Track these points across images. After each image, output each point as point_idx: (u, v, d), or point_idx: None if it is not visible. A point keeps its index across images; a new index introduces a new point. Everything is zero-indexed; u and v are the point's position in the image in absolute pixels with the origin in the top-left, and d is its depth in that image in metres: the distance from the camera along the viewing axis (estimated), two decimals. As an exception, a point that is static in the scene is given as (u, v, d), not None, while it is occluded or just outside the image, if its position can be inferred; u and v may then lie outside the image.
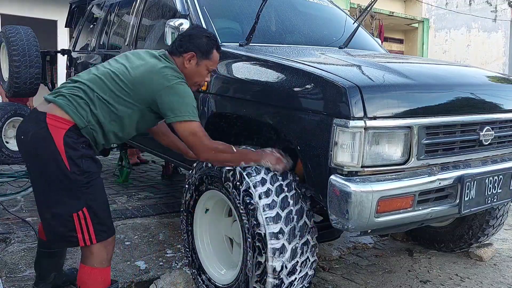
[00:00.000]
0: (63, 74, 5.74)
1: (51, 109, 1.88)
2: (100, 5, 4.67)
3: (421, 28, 14.10)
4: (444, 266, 3.00)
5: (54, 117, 1.85)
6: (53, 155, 1.81)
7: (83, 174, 1.85)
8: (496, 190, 2.16)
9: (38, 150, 1.84)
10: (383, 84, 1.94)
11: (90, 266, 1.92)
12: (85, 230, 1.87)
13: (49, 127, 1.83)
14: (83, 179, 1.86)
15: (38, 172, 1.89)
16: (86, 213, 1.86)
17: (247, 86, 2.30)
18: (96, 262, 1.91)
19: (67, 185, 1.84)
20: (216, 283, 2.31)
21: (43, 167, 1.85)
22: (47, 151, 1.82)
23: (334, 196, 1.79)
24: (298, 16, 3.33)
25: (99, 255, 1.92)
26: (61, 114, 1.86)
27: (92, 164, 1.91)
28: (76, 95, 1.91)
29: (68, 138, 1.83)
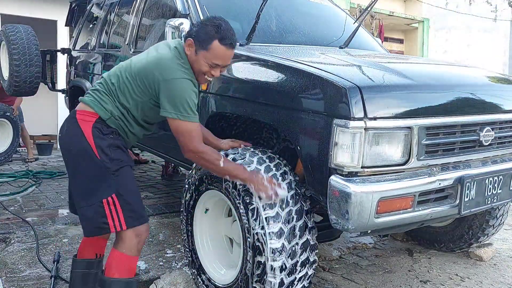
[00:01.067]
0: (63, 73, 5.73)
1: (80, 106, 2.06)
2: (100, 4, 4.67)
3: (421, 28, 14.08)
4: (444, 266, 3.00)
5: (82, 112, 2.01)
6: (83, 146, 1.94)
7: (111, 162, 1.94)
8: (496, 191, 2.16)
9: (72, 144, 1.99)
10: (383, 85, 1.94)
11: (119, 251, 1.96)
12: (115, 216, 1.92)
13: (79, 121, 1.98)
14: (112, 166, 1.94)
15: (73, 164, 2.00)
16: (115, 199, 1.92)
17: (247, 86, 2.30)
18: (125, 248, 1.95)
19: (97, 172, 1.93)
20: (216, 283, 2.31)
21: (77, 159, 1.97)
22: (79, 143, 1.95)
23: (334, 197, 1.79)
24: (299, 16, 3.33)
25: (129, 243, 1.95)
26: (88, 109, 2.01)
27: (121, 153, 2.00)
28: (98, 90, 2.06)
29: (96, 129, 1.97)
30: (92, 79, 4.35)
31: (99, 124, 1.99)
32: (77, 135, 1.97)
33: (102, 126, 1.99)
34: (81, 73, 4.69)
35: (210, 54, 1.96)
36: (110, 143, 1.98)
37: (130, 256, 1.97)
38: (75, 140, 1.98)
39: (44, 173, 5.43)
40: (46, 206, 4.03)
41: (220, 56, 1.98)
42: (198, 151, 1.99)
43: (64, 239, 3.21)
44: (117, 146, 2.01)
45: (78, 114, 2.01)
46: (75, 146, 1.97)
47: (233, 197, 2.08)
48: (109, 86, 2.04)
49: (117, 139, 2.03)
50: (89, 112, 2.00)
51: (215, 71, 2.03)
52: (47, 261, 2.83)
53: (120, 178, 1.96)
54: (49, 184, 4.94)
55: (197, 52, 1.98)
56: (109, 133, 2.00)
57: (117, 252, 1.96)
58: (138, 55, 2.13)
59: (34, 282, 2.60)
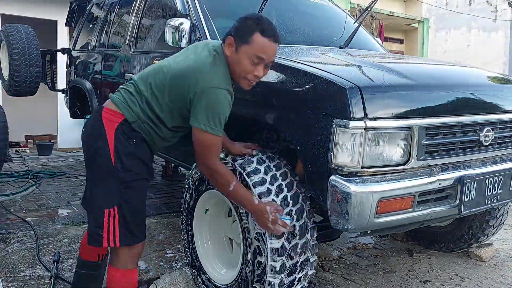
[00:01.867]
0: (63, 73, 5.73)
1: (108, 103, 1.95)
2: (100, 4, 4.67)
3: (421, 28, 14.08)
4: (444, 266, 3.00)
5: (109, 110, 1.91)
6: (102, 146, 1.85)
7: (125, 172, 1.84)
8: (496, 191, 2.16)
9: (92, 141, 1.90)
10: (383, 85, 1.94)
11: (115, 267, 1.91)
12: (111, 230, 1.84)
13: (103, 120, 1.88)
14: (124, 177, 1.84)
15: (91, 162, 1.92)
16: (116, 212, 1.83)
17: (247, 86, 2.29)
18: (121, 264, 1.89)
19: (108, 178, 1.84)
20: (216, 283, 2.31)
21: (94, 158, 1.89)
22: (99, 142, 1.86)
23: (334, 197, 1.79)
24: (299, 16, 3.33)
25: (124, 258, 1.90)
26: (115, 108, 1.90)
27: (138, 164, 1.89)
28: (128, 90, 1.94)
29: (119, 131, 1.86)
30: (92, 79, 4.35)
31: (124, 126, 1.87)
32: (99, 134, 1.87)
33: (127, 129, 1.88)
34: (81, 73, 4.69)
35: (252, 47, 1.81)
36: (131, 152, 1.86)
37: (127, 270, 1.91)
38: (96, 138, 1.88)
39: (44, 173, 5.43)
40: (46, 206, 4.03)
41: (263, 49, 1.81)
42: (213, 167, 1.89)
43: (64, 239, 3.21)
44: (137, 156, 1.89)
45: (105, 112, 1.90)
46: (93, 144, 1.89)
47: (233, 197, 2.08)
48: (140, 88, 1.91)
49: (140, 147, 1.91)
50: (115, 111, 1.89)
51: (259, 70, 1.85)
52: (47, 261, 2.83)
53: (128, 191, 1.85)
54: (49, 184, 4.94)
55: (237, 50, 1.83)
56: (133, 137, 1.88)
57: (114, 269, 1.91)
58: (176, 57, 1.98)
59: (34, 282, 2.60)
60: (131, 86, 1.95)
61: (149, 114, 1.90)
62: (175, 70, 1.88)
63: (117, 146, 1.84)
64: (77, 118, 5.32)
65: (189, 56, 1.91)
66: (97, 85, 4.20)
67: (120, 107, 1.89)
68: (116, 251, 1.90)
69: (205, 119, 1.81)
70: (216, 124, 1.83)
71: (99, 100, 4.18)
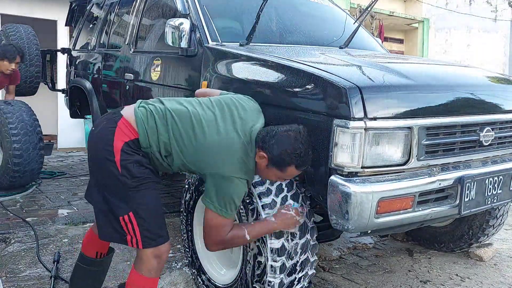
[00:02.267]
0: (63, 73, 5.73)
1: (128, 113, 1.87)
2: (100, 4, 4.67)
3: (421, 28, 14.08)
4: (444, 266, 3.00)
5: (126, 123, 1.84)
6: (108, 155, 1.79)
7: (132, 178, 1.79)
8: (496, 191, 2.17)
9: (99, 146, 1.83)
10: (383, 85, 1.94)
11: (138, 272, 1.86)
12: (132, 234, 1.81)
13: (117, 129, 1.82)
14: (132, 183, 1.79)
15: (95, 165, 1.88)
16: (132, 218, 1.79)
17: (247, 86, 2.29)
18: (144, 269, 1.84)
19: (117, 186, 1.80)
20: (216, 283, 2.31)
21: (99, 162, 1.83)
22: (104, 150, 1.81)
23: (334, 197, 1.79)
24: (299, 16, 3.33)
25: (148, 263, 1.84)
26: (133, 123, 1.84)
27: (145, 170, 1.84)
28: (155, 116, 1.86)
29: (127, 146, 1.81)
30: (92, 79, 4.35)
31: (133, 143, 1.83)
32: (107, 140, 1.81)
33: (135, 146, 1.83)
34: (81, 73, 4.69)
35: (282, 173, 1.85)
36: (137, 160, 1.82)
37: (149, 278, 1.85)
38: (102, 144, 1.82)
39: (44, 173, 5.42)
40: (46, 206, 4.03)
41: (290, 176, 1.89)
42: (224, 242, 1.89)
43: (64, 239, 3.21)
44: (143, 164, 1.84)
45: (121, 122, 1.83)
46: (99, 150, 1.83)
47: (233, 197, 2.08)
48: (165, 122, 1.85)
49: (146, 158, 1.87)
50: (132, 127, 1.83)
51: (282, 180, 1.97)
52: (47, 261, 2.83)
53: (139, 194, 1.81)
54: (49, 184, 4.94)
55: (268, 167, 1.83)
56: (140, 153, 1.85)
57: (137, 274, 1.86)
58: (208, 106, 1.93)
59: (34, 282, 2.60)
60: (158, 112, 1.87)
61: (161, 151, 1.86)
62: (202, 142, 1.83)
63: (123, 156, 1.80)
64: (77, 118, 5.32)
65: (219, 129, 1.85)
66: (97, 85, 4.20)
67: (139, 127, 1.83)
68: (141, 254, 1.85)
69: (219, 202, 1.82)
70: (231, 208, 1.83)
71: (99, 100, 4.18)
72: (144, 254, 1.83)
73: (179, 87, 2.86)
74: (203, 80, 2.59)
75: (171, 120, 1.86)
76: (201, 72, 2.63)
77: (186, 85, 2.80)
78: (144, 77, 3.26)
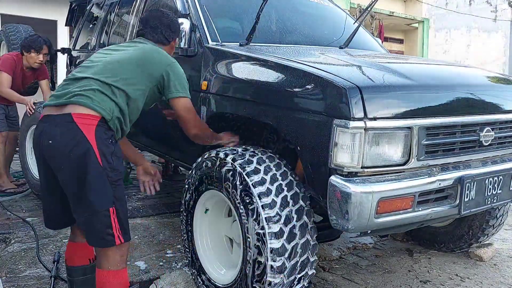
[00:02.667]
0: (63, 73, 5.73)
1: (73, 109, 1.87)
2: (100, 4, 4.67)
3: (421, 28, 14.09)
4: (444, 266, 3.00)
5: (80, 115, 1.85)
6: (86, 151, 1.81)
7: (112, 171, 1.87)
8: (496, 191, 2.16)
9: (71, 148, 1.82)
10: (383, 85, 1.94)
11: (105, 269, 1.90)
12: (117, 227, 1.87)
13: (79, 125, 1.83)
14: (113, 176, 1.88)
15: (72, 172, 1.83)
16: (115, 210, 1.87)
17: (247, 86, 2.29)
18: (111, 264, 1.90)
19: (101, 179, 1.84)
20: (216, 283, 2.31)
21: (78, 164, 1.81)
22: (80, 148, 1.81)
23: (334, 197, 1.79)
24: (299, 16, 3.33)
25: (113, 258, 1.90)
26: (87, 111, 1.86)
27: (120, 163, 1.95)
28: (92, 89, 1.91)
29: (98, 133, 1.86)
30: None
31: (100, 126, 1.88)
32: (78, 138, 1.82)
33: (104, 130, 1.89)
34: (81, 73, 4.68)
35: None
36: (112, 151, 1.90)
37: (118, 270, 1.92)
38: (75, 143, 1.81)
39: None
40: (46, 206, 4.03)
41: None
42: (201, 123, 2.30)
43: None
44: (117, 155, 1.93)
45: (76, 118, 1.84)
46: (75, 150, 1.81)
47: (233, 197, 2.08)
48: (103, 85, 1.94)
49: (117, 146, 1.96)
50: (87, 114, 1.86)
51: None
52: (47, 261, 2.83)
53: (117, 190, 1.89)
54: (49, 184, 4.93)
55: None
56: (110, 137, 1.92)
57: (105, 272, 1.90)
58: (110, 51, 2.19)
59: (34, 282, 2.60)
60: (92, 85, 1.93)
61: (121, 106, 1.97)
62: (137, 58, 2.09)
63: (100, 147, 1.84)
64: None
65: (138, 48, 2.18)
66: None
67: (95, 107, 1.88)
68: (107, 252, 1.90)
69: (183, 87, 2.16)
70: (188, 89, 2.20)
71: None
72: (111, 251, 1.90)
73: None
74: (203, 80, 2.59)
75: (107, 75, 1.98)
76: (201, 72, 2.63)
77: (186, 85, 2.80)
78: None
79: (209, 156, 2.28)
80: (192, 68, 2.73)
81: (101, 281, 1.92)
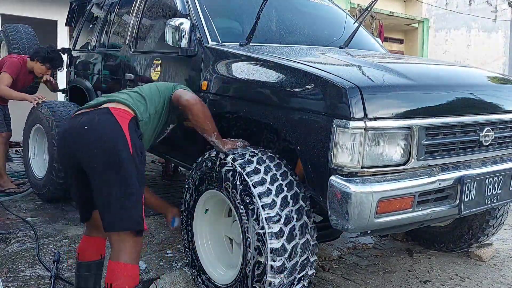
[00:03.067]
0: (63, 73, 5.73)
1: (110, 105, 2.07)
2: (100, 4, 4.67)
3: (421, 28, 14.09)
4: (444, 266, 3.00)
5: (116, 109, 2.03)
6: (120, 137, 1.93)
7: (140, 164, 1.97)
8: (496, 191, 2.16)
9: (105, 134, 1.93)
10: (383, 85, 1.94)
11: (123, 262, 1.91)
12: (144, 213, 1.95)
13: (115, 116, 1.99)
14: (140, 168, 1.96)
15: (106, 154, 1.90)
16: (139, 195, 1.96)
17: (247, 86, 2.29)
18: (130, 258, 1.92)
19: (131, 165, 1.91)
20: (216, 283, 2.31)
21: (111, 149, 1.90)
22: (115, 133, 1.93)
23: (334, 197, 1.79)
24: (299, 16, 3.33)
25: (133, 251, 1.93)
26: (123, 107, 2.06)
27: (143, 160, 2.05)
28: (131, 94, 2.19)
29: (131, 126, 2.00)
30: (92, 79, 4.35)
31: (133, 122, 2.03)
32: (113, 125, 1.95)
33: (135, 125, 2.05)
34: (81, 73, 4.69)
35: None
36: (140, 146, 2.02)
37: (134, 265, 1.94)
38: (110, 130, 1.94)
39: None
40: (46, 206, 4.03)
41: None
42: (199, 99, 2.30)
43: (64, 239, 3.21)
44: (143, 152, 2.05)
45: (113, 110, 2.02)
46: (110, 135, 1.92)
47: (233, 197, 2.08)
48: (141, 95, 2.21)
49: (143, 144, 2.09)
50: (124, 110, 2.05)
51: None
52: (47, 261, 2.83)
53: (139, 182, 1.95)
54: (49, 184, 4.94)
55: None
56: (139, 134, 2.06)
57: (121, 265, 1.90)
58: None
59: (34, 282, 2.60)
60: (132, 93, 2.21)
61: (151, 115, 2.18)
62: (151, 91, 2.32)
63: (133, 138, 1.96)
64: (77, 118, 5.30)
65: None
66: (97, 85, 4.20)
67: (131, 105, 2.08)
68: (127, 244, 1.91)
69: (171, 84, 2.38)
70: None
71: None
72: (129, 242, 1.92)
73: (179, 87, 2.85)
74: (203, 80, 2.59)
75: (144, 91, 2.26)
76: (201, 72, 2.63)
77: (186, 85, 2.79)
78: (144, 77, 3.26)
79: (209, 156, 2.28)
80: (192, 68, 2.73)
81: (116, 273, 1.90)
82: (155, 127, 2.26)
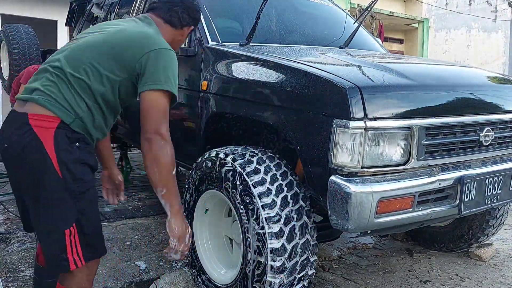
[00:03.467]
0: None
1: (31, 108, 1.59)
2: (100, 4, 4.67)
3: (421, 28, 14.09)
4: (444, 266, 3.00)
5: (37, 116, 1.57)
6: (42, 161, 1.54)
7: (75, 182, 1.59)
8: (496, 191, 2.16)
9: (24, 158, 1.56)
10: (383, 85, 1.94)
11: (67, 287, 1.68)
12: (75, 250, 1.60)
13: (35, 129, 1.55)
14: (76, 188, 1.59)
15: (27, 184, 1.61)
16: (75, 230, 1.59)
17: (247, 86, 2.29)
18: (75, 284, 1.66)
19: (58, 194, 1.57)
20: (216, 283, 2.32)
21: (32, 177, 1.57)
22: (36, 157, 1.55)
23: (334, 197, 1.79)
24: (299, 16, 3.33)
25: (79, 277, 1.66)
26: (44, 112, 1.57)
27: (87, 171, 1.65)
28: (51, 84, 1.61)
29: (59, 137, 1.57)
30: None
31: (62, 129, 1.58)
32: (33, 146, 1.54)
33: (67, 132, 1.60)
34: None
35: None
36: (77, 158, 1.60)
37: None
38: (29, 152, 1.55)
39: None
40: (46, 206, 4.03)
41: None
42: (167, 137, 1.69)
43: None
44: (85, 162, 1.64)
45: (32, 120, 1.56)
46: (29, 160, 1.55)
47: (233, 197, 2.08)
48: (68, 75, 1.62)
49: (85, 150, 1.65)
50: (45, 116, 1.57)
51: None
52: (47, 261, 2.83)
53: (82, 203, 1.61)
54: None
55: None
56: (75, 140, 1.62)
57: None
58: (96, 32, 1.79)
59: (34, 282, 2.60)
60: (54, 78, 1.63)
61: (87, 103, 1.64)
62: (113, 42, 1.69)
63: (61, 155, 1.56)
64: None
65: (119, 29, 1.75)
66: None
67: (51, 108, 1.58)
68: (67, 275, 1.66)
69: (167, 79, 1.67)
70: (176, 85, 1.73)
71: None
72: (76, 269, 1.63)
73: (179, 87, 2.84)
74: (203, 80, 2.59)
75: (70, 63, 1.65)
76: (201, 72, 2.63)
77: (186, 85, 2.80)
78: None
79: (209, 156, 2.28)
80: (192, 68, 2.73)
81: None
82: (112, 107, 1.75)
